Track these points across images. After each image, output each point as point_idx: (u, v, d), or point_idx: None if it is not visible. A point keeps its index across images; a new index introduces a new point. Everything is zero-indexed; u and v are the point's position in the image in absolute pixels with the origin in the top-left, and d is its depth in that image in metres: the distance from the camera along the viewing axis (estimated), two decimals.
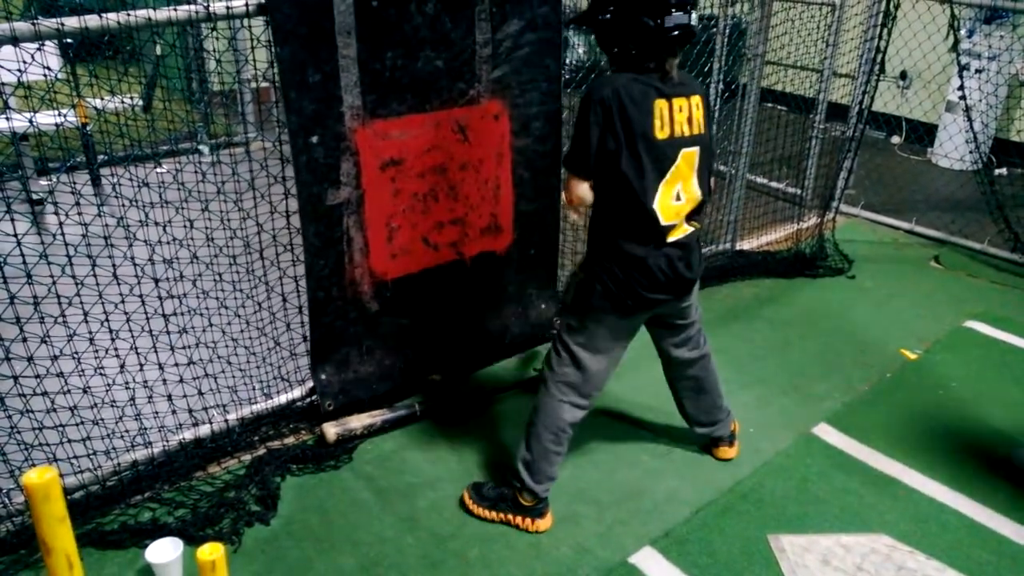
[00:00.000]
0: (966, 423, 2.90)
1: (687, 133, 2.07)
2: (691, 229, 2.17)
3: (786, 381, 3.16)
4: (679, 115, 2.05)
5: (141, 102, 4.94)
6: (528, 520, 2.37)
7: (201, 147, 4.95)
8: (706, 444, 2.72)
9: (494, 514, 2.40)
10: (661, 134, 2.02)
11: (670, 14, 1.95)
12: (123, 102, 2.33)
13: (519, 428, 2.42)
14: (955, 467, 2.66)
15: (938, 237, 4.60)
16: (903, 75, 6.26)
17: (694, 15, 2.00)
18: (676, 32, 1.98)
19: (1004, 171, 5.73)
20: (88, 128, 4.48)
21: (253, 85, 4.95)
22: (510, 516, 2.38)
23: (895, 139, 6.49)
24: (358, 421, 2.72)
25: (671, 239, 2.12)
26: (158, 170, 2.44)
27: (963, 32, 5.32)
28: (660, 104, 2.02)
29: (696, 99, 2.10)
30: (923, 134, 6.05)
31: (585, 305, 2.23)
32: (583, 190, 2.06)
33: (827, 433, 2.85)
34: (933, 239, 4.60)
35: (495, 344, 3.14)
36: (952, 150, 5.77)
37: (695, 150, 2.10)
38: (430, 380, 2.94)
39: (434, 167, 2.68)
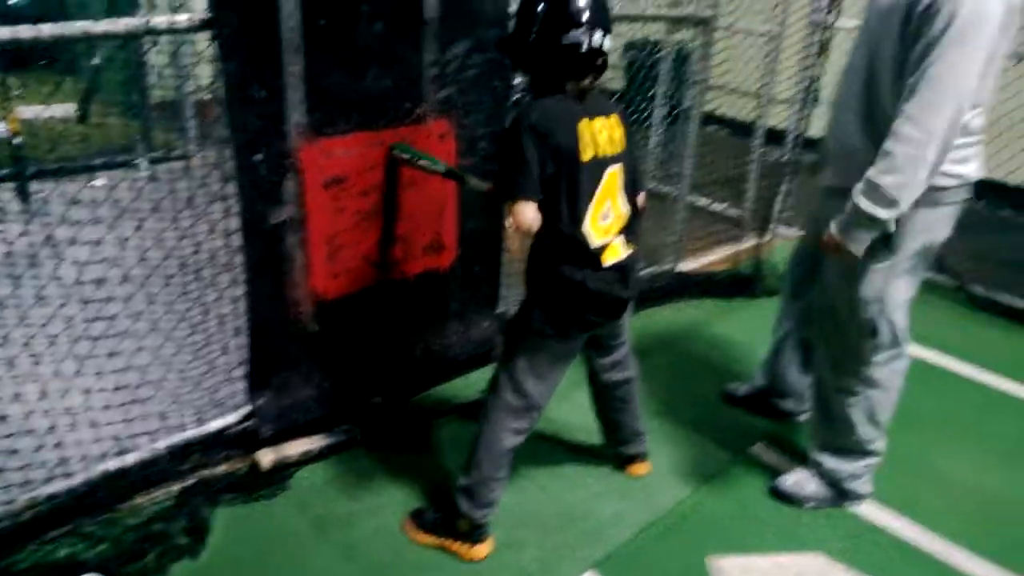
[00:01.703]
0: (902, 445, 2.98)
1: (610, 152, 2.11)
2: (629, 251, 2.20)
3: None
4: (601, 135, 2.09)
5: (77, 113, 4.82)
6: (468, 546, 2.35)
7: (138, 161, 4.82)
8: (621, 462, 2.75)
9: (435, 540, 2.37)
10: (586, 155, 2.06)
11: (589, 36, 2.00)
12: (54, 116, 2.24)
13: (461, 452, 2.39)
14: (891, 484, 2.72)
15: None
16: None
17: (607, 39, 2.05)
18: (593, 53, 2.03)
19: None
20: (18, 140, 4.31)
21: (195, 99, 4.88)
22: (450, 543, 2.36)
23: None
24: (294, 447, 2.65)
25: (608, 261, 2.14)
26: (93, 183, 2.36)
27: None
28: (583, 125, 2.05)
29: (614, 117, 2.15)
30: None
31: (525, 330, 2.23)
32: (531, 212, 2.04)
33: (764, 453, 2.90)
34: None
35: (437, 365, 3.11)
36: None
37: (618, 168, 2.14)
38: (370, 403, 2.90)
39: (378, 185, 2.66)
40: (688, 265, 4.35)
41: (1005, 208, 5.50)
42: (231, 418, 2.69)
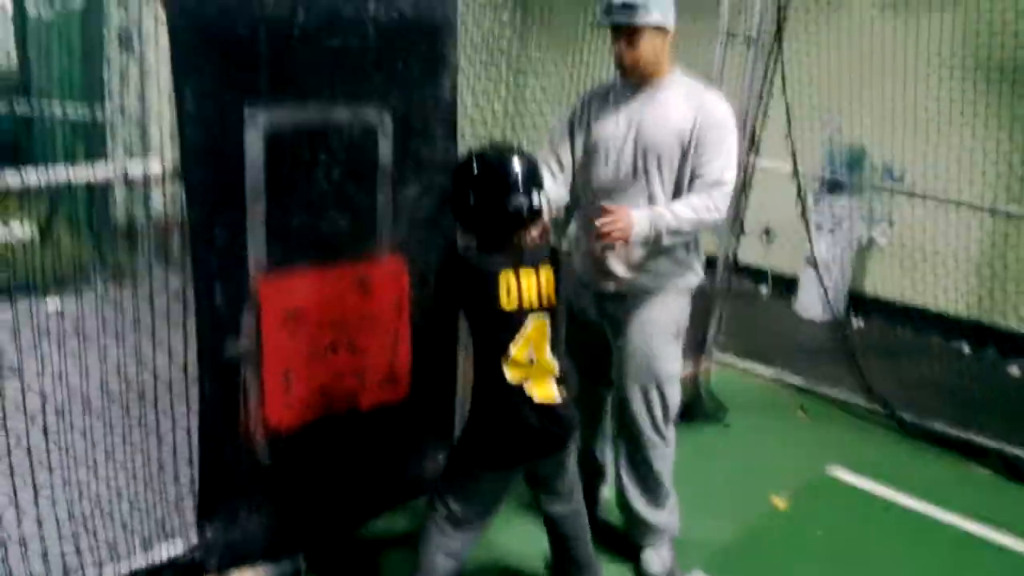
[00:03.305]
0: (831, 571, 3.09)
1: (535, 304, 2.29)
2: (560, 399, 2.33)
3: None
4: (526, 286, 2.28)
5: (37, 233, 4.88)
6: None
7: (96, 281, 4.86)
8: None
9: None
10: (508, 305, 2.25)
11: (529, 199, 2.26)
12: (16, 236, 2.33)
13: None
14: None
15: (803, 386, 4.93)
16: (767, 231, 6.83)
17: (535, 196, 2.29)
18: (522, 212, 2.26)
19: (860, 322, 6.24)
20: None
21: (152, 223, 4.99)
22: None
23: (763, 290, 7.00)
24: None
25: (539, 400, 2.28)
26: (50, 308, 2.43)
27: (810, 200, 5.93)
28: (507, 276, 2.25)
29: (547, 271, 2.34)
30: (788, 286, 6.57)
31: (462, 458, 2.35)
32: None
33: None
34: (798, 387, 4.94)
35: (388, 494, 3.16)
36: (813, 302, 6.28)
37: (545, 319, 2.31)
38: (317, 534, 2.92)
39: (334, 319, 2.78)
40: None
41: (933, 334, 5.78)
42: (178, 547, 2.70)
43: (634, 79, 2.74)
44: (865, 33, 4.94)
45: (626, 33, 2.63)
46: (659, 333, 2.84)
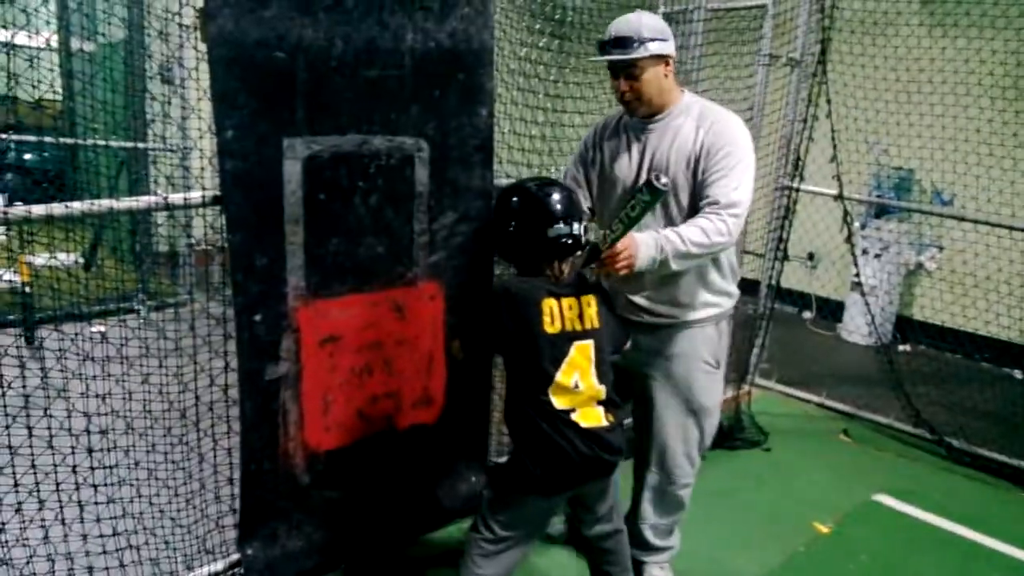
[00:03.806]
0: None
1: (578, 328, 2.33)
2: (607, 423, 2.34)
3: (705, 554, 3.26)
4: (568, 312, 2.32)
5: (82, 260, 5.06)
6: None
7: (139, 307, 5.04)
8: None
9: None
10: (551, 328, 2.28)
11: (554, 226, 2.30)
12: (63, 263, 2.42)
13: None
14: None
15: (847, 411, 4.86)
16: (811, 256, 6.76)
17: (576, 225, 2.33)
18: (564, 240, 2.31)
19: (908, 347, 6.13)
20: (28, 287, 4.52)
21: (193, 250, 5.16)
22: None
23: (807, 315, 6.92)
24: None
25: (585, 424, 2.29)
26: (93, 330, 2.51)
27: (856, 224, 5.85)
28: (549, 302, 2.30)
29: (588, 298, 2.38)
30: (832, 311, 6.49)
31: (508, 481, 2.36)
32: None
33: None
34: (842, 412, 4.87)
35: (426, 515, 3.19)
36: (858, 327, 6.18)
37: (589, 343, 2.34)
38: (356, 554, 2.96)
39: (371, 343, 2.83)
40: None
41: (983, 360, 5.66)
42: (220, 565, 2.76)
43: (641, 114, 2.68)
44: (913, 54, 4.88)
45: (624, 69, 2.56)
46: (696, 366, 2.77)
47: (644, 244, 2.45)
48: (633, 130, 2.73)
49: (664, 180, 2.24)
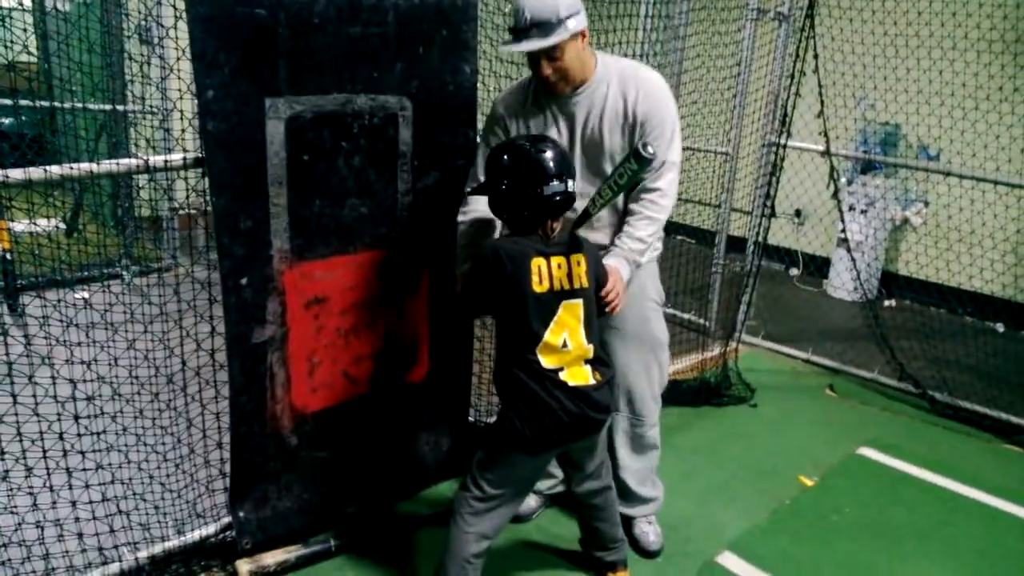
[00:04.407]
0: (868, 553, 3.07)
1: (567, 287, 2.33)
2: (594, 381, 2.35)
3: (691, 509, 3.29)
4: (557, 271, 2.32)
5: (64, 226, 5.00)
6: None
7: (123, 273, 4.99)
8: (600, 568, 2.81)
9: None
10: (540, 288, 2.28)
11: (549, 184, 2.27)
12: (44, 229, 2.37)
13: (434, 561, 2.47)
14: None
15: (833, 366, 4.90)
16: (798, 213, 6.77)
17: (569, 183, 2.32)
18: (556, 198, 2.29)
19: (893, 302, 6.17)
20: (9, 254, 4.46)
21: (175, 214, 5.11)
22: None
23: (793, 271, 6.94)
24: (272, 557, 2.72)
25: (573, 383, 2.30)
26: (77, 296, 2.48)
27: (843, 180, 5.84)
28: (538, 262, 2.30)
29: (577, 256, 2.37)
30: (818, 267, 6.51)
31: (497, 441, 2.37)
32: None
33: (729, 561, 2.97)
34: (828, 368, 4.91)
35: (412, 474, 3.21)
36: (844, 283, 6.21)
37: (578, 302, 2.34)
38: (346, 513, 2.97)
39: (356, 304, 2.82)
40: None
41: (967, 314, 5.72)
42: (211, 528, 2.77)
43: (566, 92, 2.56)
44: (900, 7, 4.83)
45: (546, 53, 2.42)
46: (647, 304, 2.84)
47: (620, 270, 2.56)
48: (555, 102, 2.61)
49: (650, 149, 2.24)
